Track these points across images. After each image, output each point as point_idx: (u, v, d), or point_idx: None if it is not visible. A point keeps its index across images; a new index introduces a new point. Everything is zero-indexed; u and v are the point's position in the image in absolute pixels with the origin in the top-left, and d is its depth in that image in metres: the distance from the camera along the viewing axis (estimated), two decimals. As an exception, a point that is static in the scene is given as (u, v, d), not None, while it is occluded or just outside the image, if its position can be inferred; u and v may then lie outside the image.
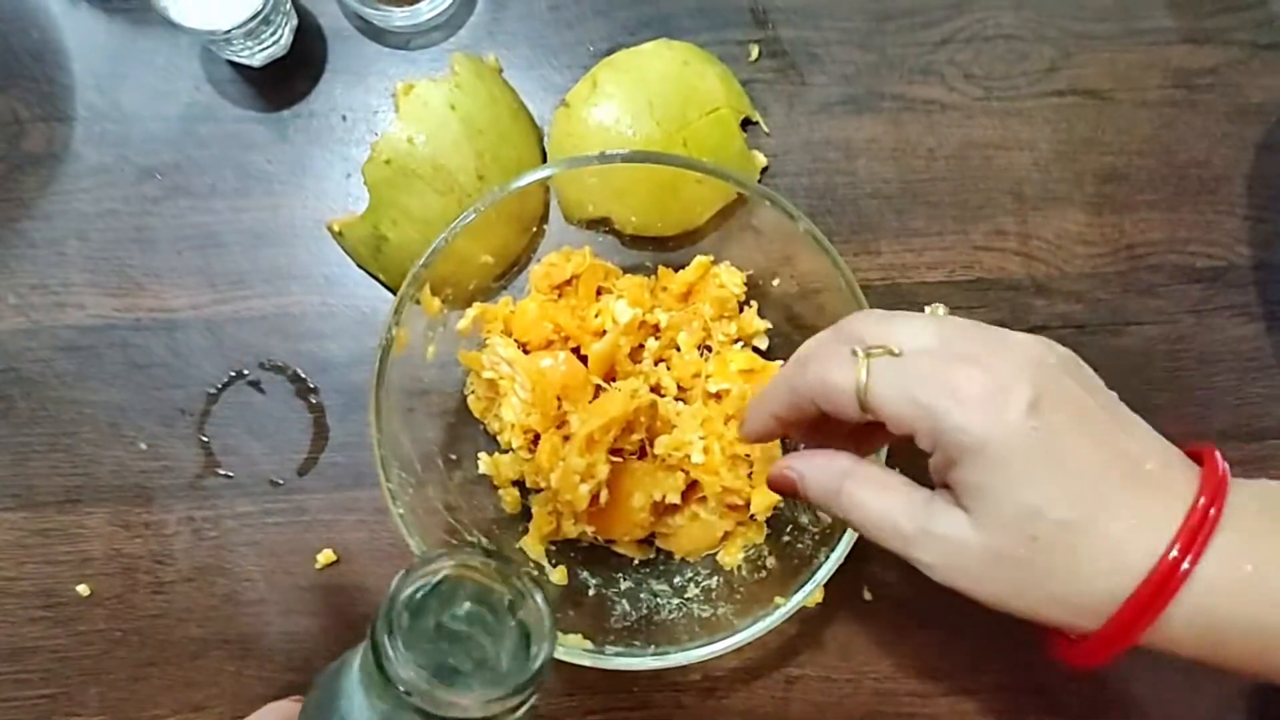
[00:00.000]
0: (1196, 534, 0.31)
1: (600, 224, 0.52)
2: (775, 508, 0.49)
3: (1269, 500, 0.33)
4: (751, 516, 0.49)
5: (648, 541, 0.51)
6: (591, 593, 0.49)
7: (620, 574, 0.50)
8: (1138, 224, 0.56)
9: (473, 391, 0.51)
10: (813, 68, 0.57)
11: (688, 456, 0.48)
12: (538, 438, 0.49)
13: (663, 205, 0.50)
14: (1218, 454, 0.33)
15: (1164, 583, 0.31)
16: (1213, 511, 0.31)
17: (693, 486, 0.49)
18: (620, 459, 0.48)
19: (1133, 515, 0.31)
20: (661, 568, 0.51)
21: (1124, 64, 0.57)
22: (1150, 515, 0.31)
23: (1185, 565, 0.31)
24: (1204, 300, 0.55)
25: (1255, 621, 0.31)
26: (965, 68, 0.57)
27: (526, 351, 0.49)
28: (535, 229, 0.52)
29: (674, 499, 0.48)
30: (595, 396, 0.49)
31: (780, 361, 0.50)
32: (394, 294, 0.49)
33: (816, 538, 0.47)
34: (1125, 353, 0.55)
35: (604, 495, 0.47)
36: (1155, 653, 0.32)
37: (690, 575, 0.50)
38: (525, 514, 0.50)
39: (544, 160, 0.54)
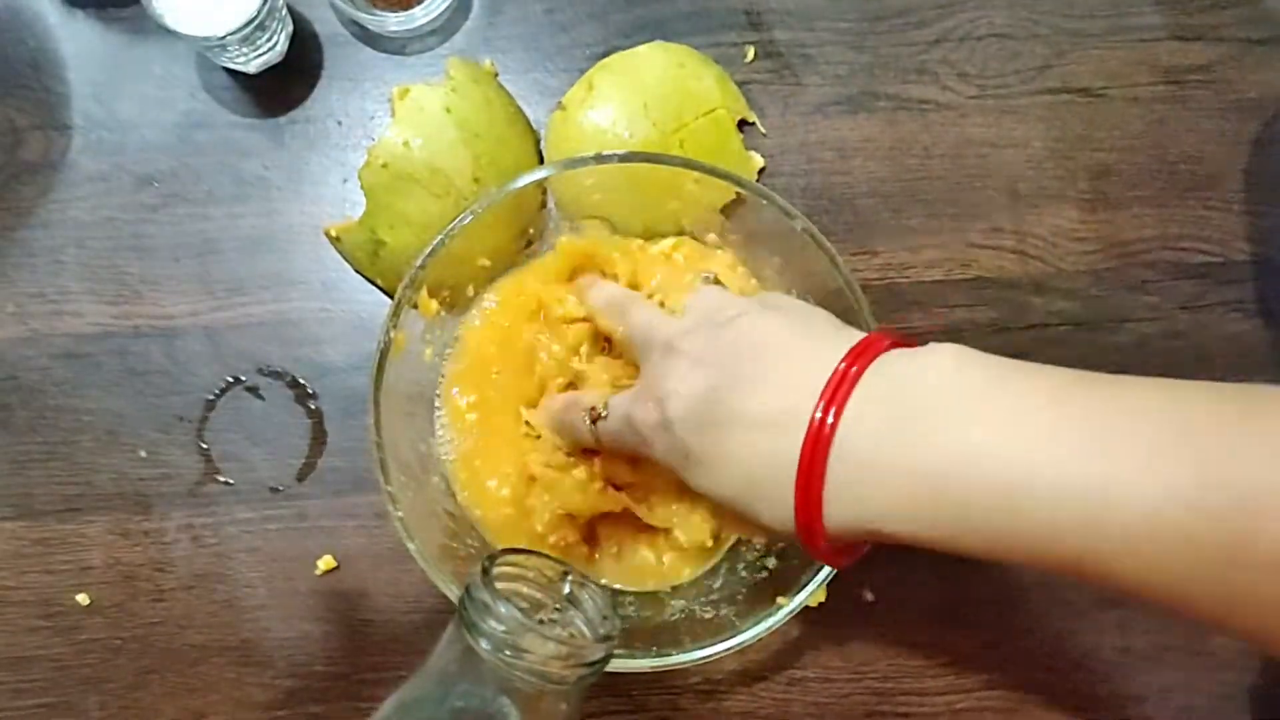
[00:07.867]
0: (836, 391, 0.33)
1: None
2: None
3: (908, 361, 0.34)
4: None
5: None
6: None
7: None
8: (1132, 220, 0.56)
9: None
10: (807, 69, 0.57)
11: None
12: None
13: (660, 206, 0.51)
14: (881, 333, 0.36)
15: (816, 439, 0.33)
16: (854, 370, 0.33)
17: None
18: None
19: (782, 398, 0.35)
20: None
21: (1115, 61, 0.58)
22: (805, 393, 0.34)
23: (830, 419, 0.33)
24: (1199, 296, 0.56)
25: (896, 469, 0.32)
26: (958, 67, 0.57)
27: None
28: (532, 231, 0.52)
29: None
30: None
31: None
32: (392, 298, 0.49)
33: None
34: (1121, 349, 0.55)
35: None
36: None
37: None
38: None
39: (540, 163, 0.55)
